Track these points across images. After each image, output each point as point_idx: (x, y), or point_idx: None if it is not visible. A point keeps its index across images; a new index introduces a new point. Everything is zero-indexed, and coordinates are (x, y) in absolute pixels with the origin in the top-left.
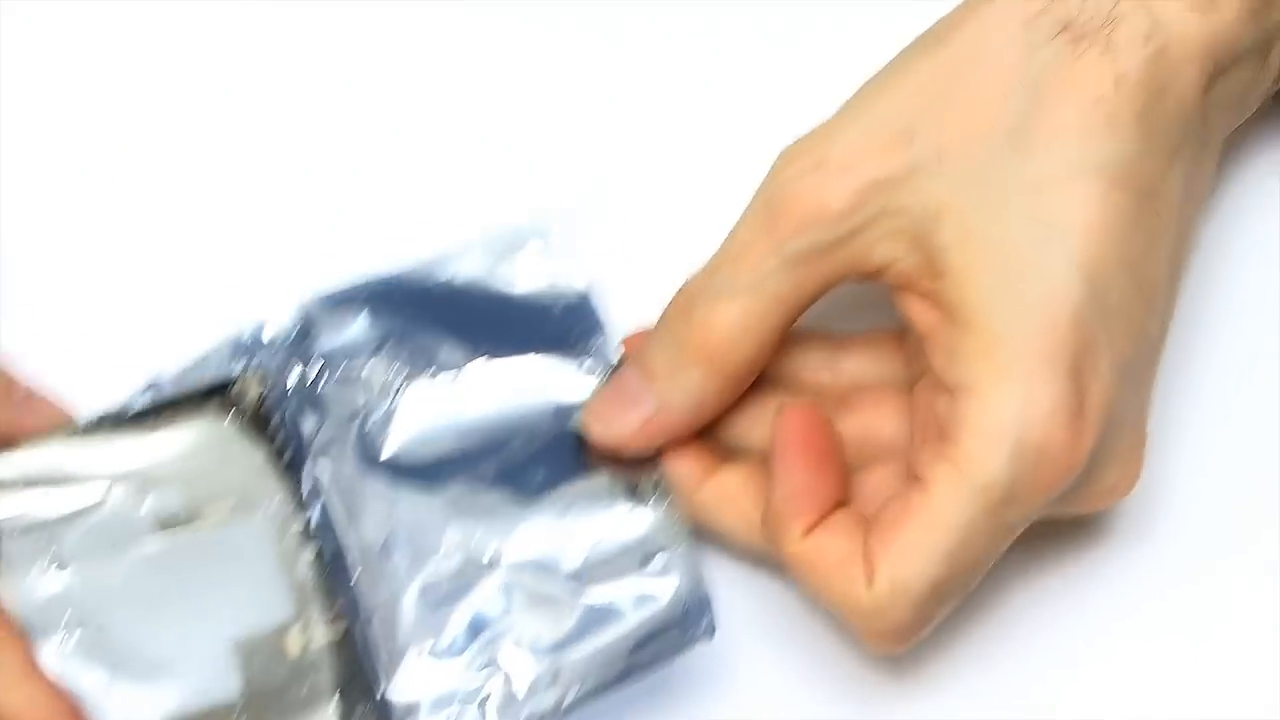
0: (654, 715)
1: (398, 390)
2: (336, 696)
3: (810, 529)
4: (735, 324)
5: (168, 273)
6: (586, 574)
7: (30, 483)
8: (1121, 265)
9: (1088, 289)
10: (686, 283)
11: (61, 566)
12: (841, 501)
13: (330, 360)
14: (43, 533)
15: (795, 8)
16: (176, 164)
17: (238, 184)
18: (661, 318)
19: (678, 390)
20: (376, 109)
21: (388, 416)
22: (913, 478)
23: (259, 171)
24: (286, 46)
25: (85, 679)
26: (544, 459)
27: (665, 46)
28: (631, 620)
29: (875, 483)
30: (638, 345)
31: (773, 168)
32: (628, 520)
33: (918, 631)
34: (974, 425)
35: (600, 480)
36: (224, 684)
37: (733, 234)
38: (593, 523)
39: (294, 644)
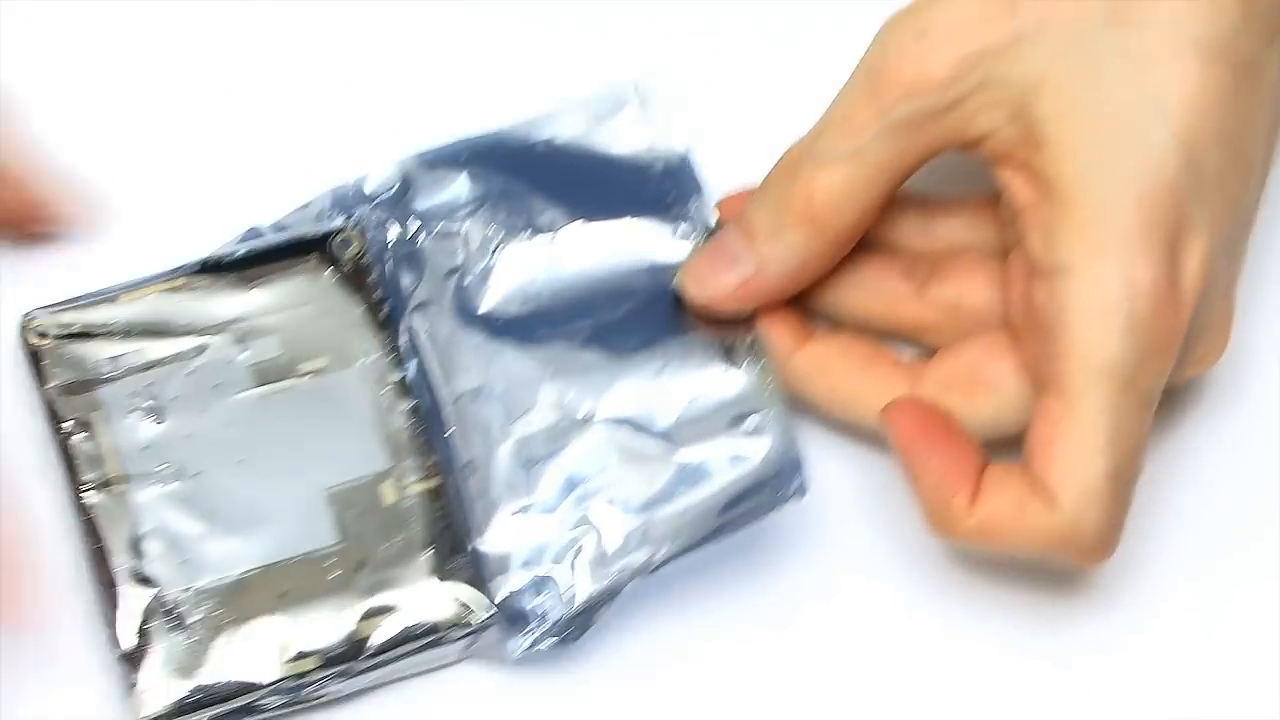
0: (744, 573)
1: (495, 249)
2: (430, 548)
3: (973, 499)
4: (838, 189)
5: (271, 124)
6: (679, 433)
7: (130, 330)
8: (1218, 138)
9: (1185, 160)
10: (791, 147)
11: (159, 414)
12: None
13: (428, 219)
14: (142, 379)
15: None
16: (287, 15)
17: (344, 39)
18: (764, 181)
19: (778, 251)
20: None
21: (485, 273)
22: (1040, 385)
23: (364, 28)
24: None
25: (181, 527)
26: (639, 319)
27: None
28: (723, 479)
29: (967, 362)
30: (733, 208)
31: (876, 37)
32: (722, 381)
33: (1118, 527)
34: (1080, 308)
35: (695, 341)
36: (317, 533)
37: (836, 101)
38: (687, 382)
39: (388, 495)
